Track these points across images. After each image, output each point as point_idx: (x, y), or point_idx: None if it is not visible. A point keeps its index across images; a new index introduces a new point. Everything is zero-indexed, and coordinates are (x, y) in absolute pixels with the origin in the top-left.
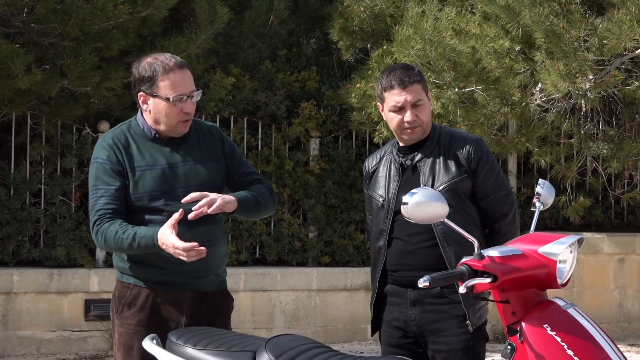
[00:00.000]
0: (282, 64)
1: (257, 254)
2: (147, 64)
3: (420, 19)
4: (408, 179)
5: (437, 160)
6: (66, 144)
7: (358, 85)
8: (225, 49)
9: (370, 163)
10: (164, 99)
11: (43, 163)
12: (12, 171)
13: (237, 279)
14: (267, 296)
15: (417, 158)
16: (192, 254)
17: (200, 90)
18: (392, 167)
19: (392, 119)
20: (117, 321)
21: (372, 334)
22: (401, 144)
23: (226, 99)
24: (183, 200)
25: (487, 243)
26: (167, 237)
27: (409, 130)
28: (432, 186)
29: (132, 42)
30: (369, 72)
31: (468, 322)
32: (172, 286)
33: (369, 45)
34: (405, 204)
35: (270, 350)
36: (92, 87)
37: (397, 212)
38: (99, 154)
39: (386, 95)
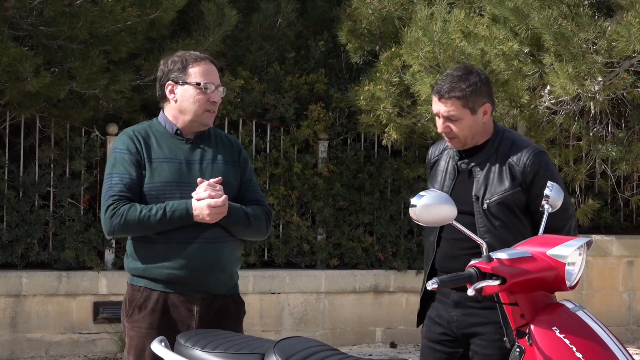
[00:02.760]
0: (290, 66)
1: (266, 257)
2: (178, 56)
3: (429, 21)
4: (462, 181)
5: (493, 168)
6: (75, 146)
7: (366, 88)
8: (233, 52)
9: (433, 152)
10: (194, 84)
11: (52, 166)
12: (21, 174)
13: (246, 281)
14: (276, 299)
15: (473, 163)
16: (218, 210)
17: (225, 89)
18: (451, 163)
19: (436, 121)
20: (127, 324)
21: (417, 325)
22: None
23: (235, 102)
24: (204, 182)
25: None
26: (201, 194)
27: (447, 138)
28: (483, 197)
29: (141, 45)
30: (378, 74)
31: (506, 338)
32: (182, 286)
33: (377, 48)
34: (414, 206)
35: (279, 352)
36: (100, 89)
37: None
38: (118, 144)
39: (432, 98)
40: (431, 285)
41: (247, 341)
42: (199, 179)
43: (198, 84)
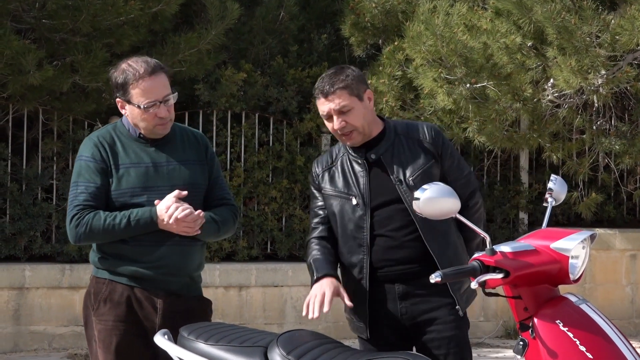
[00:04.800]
0: (293, 59)
1: (269, 250)
2: (120, 70)
3: (431, 14)
4: (376, 174)
5: (402, 149)
6: (78, 139)
7: (369, 81)
8: (236, 45)
9: (320, 166)
10: (136, 106)
11: (55, 158)
12: (24, 167)
13: (249, 274)
14: (279, 292)
15: (381, 151)
16: (185, 223)
17: (176, 93)
18: (354, 164)
19: (328, 127)
20: (94, 318)
21: (371, 335)
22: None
23: (237, 95)
24: (171, 194)
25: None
26: (168, 201)
27: (344, 138)
28: (405, 177)
29: (143, 38)
30: (380, 68)
31: (458, 307)
32: (145, 282)
33: (380, 41)
34: (417, 199)
35: (282, 345)
36: (103, 82)
37: (375, 208)
38: (83, 152)
39: (316, 103)
40: (434, 278)
41: (250, 334)
42: (156, 202)
43: (139, 106)
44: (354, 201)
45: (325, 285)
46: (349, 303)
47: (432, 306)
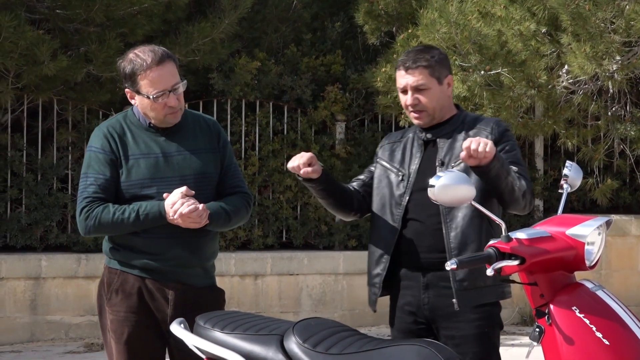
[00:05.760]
0: (307, 48)
1: (284, 238)
2: (128, 60)
3: (445, 2)
4: (429, 155)
5: (459, 137)
6: (92, 129)
7: (383, 69)
8: (249, 34)
9: (387, 139)
10: (145, 97)
11: (70, 148)
12: (39, 157)
13: (264, 263)
14: (294, 280)
15: (439, 133)
16: (190, 219)
17: (185, 81)
18: (415, 143)
19: (400, 100)
20: (107, 308)
21: (374, 310)
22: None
23: (252, 84)
24: (178, 190)
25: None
26: (175, 195)
27: (413, 114)
28: (447, 162)
29: (157, 27)
30: (394, 55)
31: (454, 300)
32: (157, 274)
33: (394, 29)
34: (432, 186)
35: (298, 333)
36: (117, 72)
37: (417, 190)
38: (93, 142)
39: (396, 74)
40: (450, 265)
41: (266, 322)
42: (165, 194)
43: (149, 97)
44: (400, 177)
45: (306, 154)
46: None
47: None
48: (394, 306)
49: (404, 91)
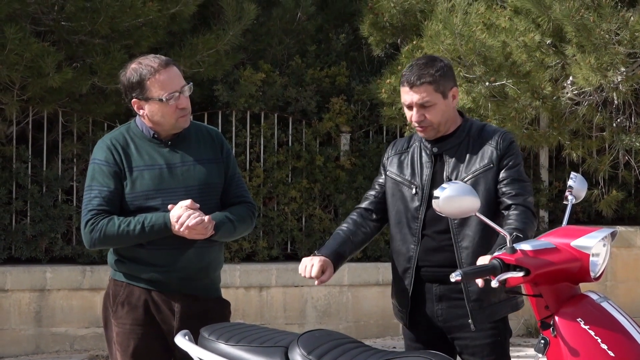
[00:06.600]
0: (311, 59)
1: (289, 250)
2: (133, 70)
3: (450, 13)
4: (440, 168)
5: (465, 151)
6: (97, 141)
7: (388, 81)
8: (254, 46)
9: (394, 149)
10: (157, 100)
11: (75, 160)
12: (44, 169)
13: (269, 274)
14: (299, 292)
15: (445, 147)
16: (196, 231)
17: (191, 83)
18: (424, 154)
19: (406, 114)
20: (113, 321)
21: (409, 326)
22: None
23: (256, 95)
24: (183, 202)
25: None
26: (179, 209)
27: (419, 129)
28: (455, 178)
29: (162, 39)
30: (399, 67)
31: (470, 320)
32: (163, 286)
33: (399, 41)
34: (437, 198)
35: (302, 345)
36: (120, 85)
37: (430, 204)
38: (97, 155)
39: (400, 89)
40: (455, 277)
41: (270, 334)
42: (169, 205)
43: (160, 99)
44: (414, 190)
45: (316, 260)
46: (316, 281)
47: (467, 312)
48: (411, 314)
49: (409, 107)
